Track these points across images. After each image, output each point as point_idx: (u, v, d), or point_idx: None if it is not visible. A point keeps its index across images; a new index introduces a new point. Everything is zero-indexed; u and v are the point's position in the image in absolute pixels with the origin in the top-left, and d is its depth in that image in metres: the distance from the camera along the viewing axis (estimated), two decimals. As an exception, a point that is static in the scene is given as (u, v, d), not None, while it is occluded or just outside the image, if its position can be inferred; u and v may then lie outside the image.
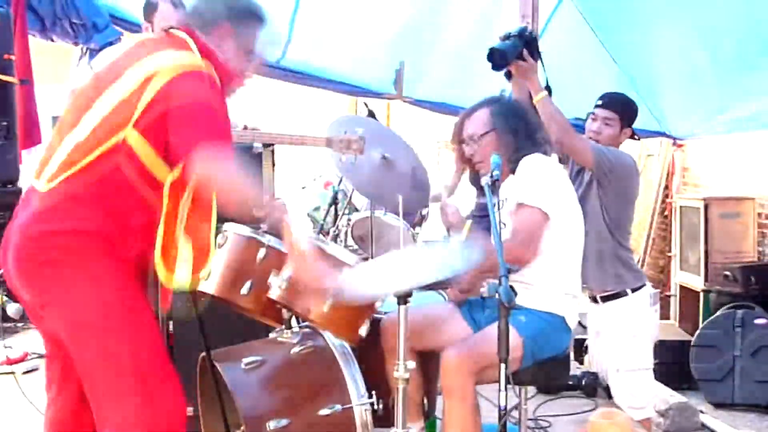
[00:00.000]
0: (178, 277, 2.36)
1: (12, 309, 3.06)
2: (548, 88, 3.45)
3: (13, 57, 5.57)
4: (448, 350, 2.81)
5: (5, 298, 3.12)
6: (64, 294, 2.30)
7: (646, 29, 5.32)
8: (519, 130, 3.08)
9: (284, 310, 2.89)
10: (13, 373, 3.94)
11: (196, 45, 2.43)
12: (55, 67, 6.76)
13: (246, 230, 2.89)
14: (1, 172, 5.57)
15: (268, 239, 2.85)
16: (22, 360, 4.76)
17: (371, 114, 4.61)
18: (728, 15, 4.67)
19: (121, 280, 2.34)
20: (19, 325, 5.38)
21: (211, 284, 2.82)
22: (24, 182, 6.07)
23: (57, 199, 2.32)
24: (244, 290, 2.82)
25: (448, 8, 5.73)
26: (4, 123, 5.55)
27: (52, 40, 6.11)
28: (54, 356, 2.54)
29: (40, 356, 4.86)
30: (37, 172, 2.41)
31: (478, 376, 2.78)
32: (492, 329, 2.61)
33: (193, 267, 2.38)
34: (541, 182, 2.99)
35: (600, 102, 3.76)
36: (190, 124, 2.29)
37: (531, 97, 3.42)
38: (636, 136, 3.84)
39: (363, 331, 2.76)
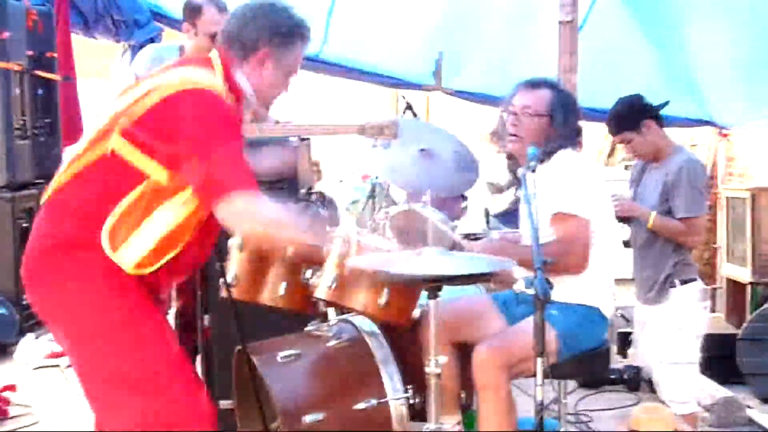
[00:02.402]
0: (121, 257, 2.25)
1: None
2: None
3: (55, 54, 5.69)
4: (479, 345, 2.80)
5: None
6: (64, 308, 2.30)
7: (689, 18, 5.23)
8: (568, 125, 3.05)
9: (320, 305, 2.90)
10: (58, 366, 3.99)
11: (222, 65, 2.38)
12: (97, 64, 6.85)
13: None
14: (46, 169, 5.68)
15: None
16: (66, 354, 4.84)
17: (409, 107, 4.60)
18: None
19: (118, 290, 2.28)
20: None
21: (242, 290, 2.83)
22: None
23: (54, 210, 2.34)
24: (281, 291, 2.82)
25: (487, -2, 5.70)
26: (47, 120, 5.67)
27: (95, 38, 6.20)
28: None
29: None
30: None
31: (510, 370, 2.76)
32: (524, 323, 2.59)
33: (144, 258, 2.26)
34: (580, 186, 2.97)
35: (608, 131, 3.79)
36: (201, 154, 2.21)
37: None
38: (660, 122, 3.72)
39: (416, 313, 2.80)
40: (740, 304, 5.49)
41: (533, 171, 2.70)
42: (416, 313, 2.80)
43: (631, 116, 3.64)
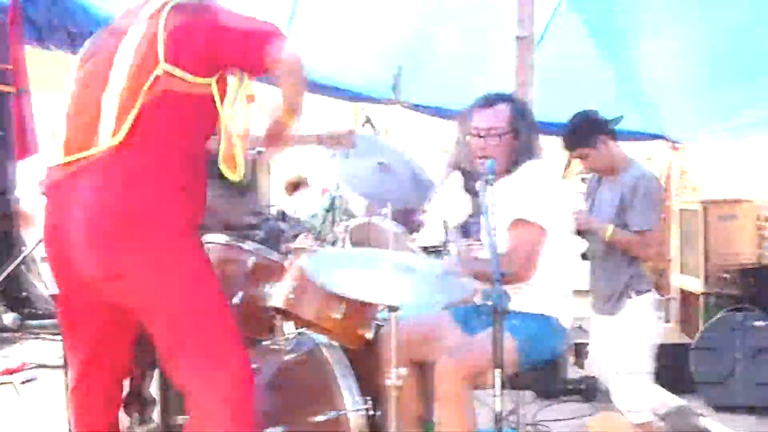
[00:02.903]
0: (239, 172, 2.43)
1: (9, 319, 3.05)
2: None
3: (9, 67, 5.60)
4: (442, 357, 2.79)
5: (2, 308, 3.10)
6: (148, 261, 2.29)
7: (642, 33, 5.33)
8: (531, 134, 3.06)
9: (277, 318, 2.89)
10: (11, 383, 3.92)
11: None
12: (52, 76, 6.75)
13: (224, 238, 2.90)
14: (-2, 181, 5.60)
15: (253, 247, 2.88)
16: (20, 370, 4.75)
17: (369, 120, 4.61)
18: (727, 24, 4.68)
19: (198, 243, 2.42)
20: (17, 335, 5.38)
21: None
22: (21, 192, 6.10)
23: (134, 154, 2.29)
24: (235, 300, 2.82)
25: (446, 13, 5.74)
26: (0, 133, 5.58)
27: (49, 49, 6.11)
28: (92, 333, 2.53)
29: (38, 366, 4.86)
30: (81, 141, 2.36)
31: (472, 381, 2.76)
32: (486, 335, 2.59)
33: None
34: (540, 194, 2.97)
35: (564, 146, 3.83)
36: (228, 33, 2.36)
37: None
38: (614, 137, 3.79)
39: (369, 334, 2.81)
40: (692, 315, 5.58)
41: (491, 184, 2.73)
42: (369, 334, 2.81)
43: (587, 132, 3.68)
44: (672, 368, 4.71)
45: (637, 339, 3.63)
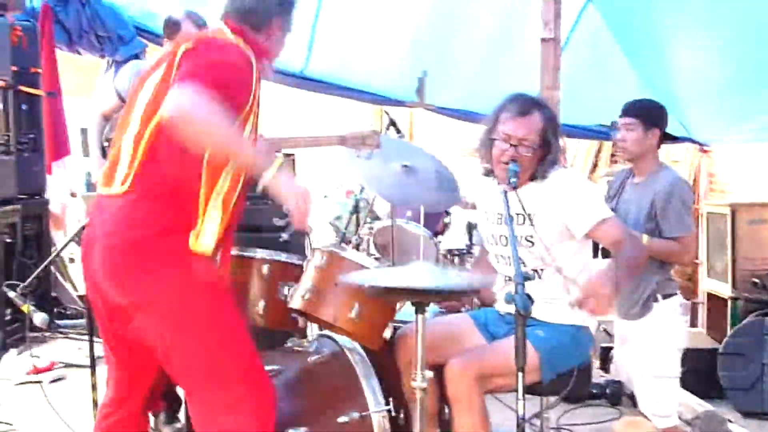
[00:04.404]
0: (202, 242, 2.38)
1: (38, 319, 3.09)
2: None
3: (40, 70, 5.69)
4: (452, 359, 2.80)
5: (32, 308, 3.15)
6: (163, 295, 2.35)
7: (670, 37, 5.29)
8: (558, 144, 3.03)
9: (300, 319, 2.92)
10: (40, 382, 3.98)
11: (228, 28, 2.54)
12: (82, 80, 6.85)
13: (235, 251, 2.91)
14: (29, 184, 5.68)
15: (264, 254, 2.93)
16: (48, 369, 4.81)
17: (393, 123, 4.62)
18: (755, 26, 4.64)
19: (212, 273, 2.42)
20: (46, 334, 5.44)
21: None
22: (51, 194, 6.19)
23: (137, 201, 2.37)
24: (260, 311, 2.89)
25: (470, 15, 5.74)
26: (31, 136, 5.66)
27: (79, 53, 6.20)
28: (124, 366, 2.60)
29: (67, 366, 4.92)
30: (106, 179, 2.48)
31: (483, 383, 2.76)
32: (504, 340, 2.60)
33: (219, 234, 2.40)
34: (596, 194, 3.03)
35: (621, 112, 3.74)
36: (191, 64, 2.34)
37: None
38: (668, 138, 3.77)
39: (387, 334, 2.84)
40: (721, 319, 5.52)
41: (514, 188, 2.73)
42: (387, 333, 2.84)
43: (656, 116, 3.67)
44: (700, 373, 4.67)
45: (664, 343, 3.60)
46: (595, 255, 3.55)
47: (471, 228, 4.74)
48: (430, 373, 2.54)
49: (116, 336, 2.54)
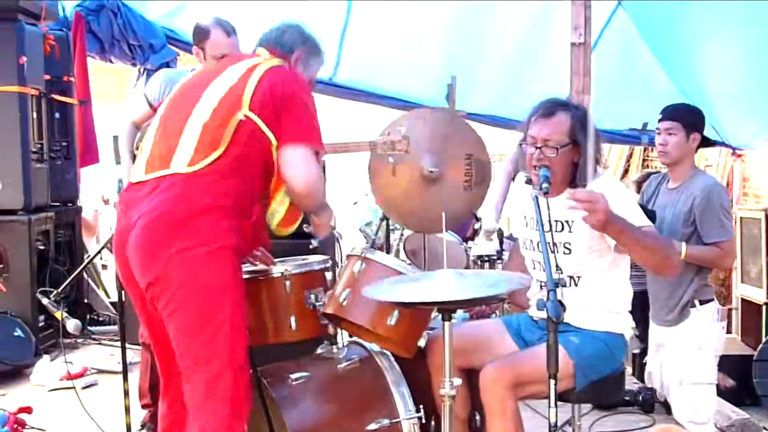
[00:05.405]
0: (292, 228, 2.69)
1: (71, 325, 3.13)
2: None
3: (72, 79, 5.76)
4: (487, 366, 2.77)
5: (65, 314, 3.19)
6: (182, 268, 2.45)
7: (701, 39, 5.23)
8: (595, 143, 2.94)
9: (330, 325, 2.92)
10: (73, 387, 4.01)
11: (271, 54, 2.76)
12: (114, 88, 6.93)
13: (249, 274, 2.92)
14: (62, 192, 5.75)
15: (280, 269, 2.95)
16: (81, 375, 4.85)
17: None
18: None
19: (238, 263, 2.57)
20: (79, 341, 5.50)
21: (262, 336, 2.90)
22: (84, 201, 6.26)
23: (207, 179, 2.51)
24: (292, 326, 2.89)
25: (498, 21, 5.72)
26: (64, 143, 5.74)
27: (111, 62, 6.27)
28: (162, 350, 2.69)
29: (100, 371, 4.96)
30: (161, 160, 2.58)
31: (517, 390, 2.74)
32: (538, 347, 2.57)
33: (282, 220, 2.67)
34: (634, 203, 2.98)
35: (660, 116, 3.70)
36: (297, 116, 2.60)
37: None
38: (708, 142, 3.73)
39: (422, 342, 2.83)
40: (755, 325, 5.46)
41: (545, 193, 2.70)
42: (422, 342, 2.84)
43: (697, 120, 3.64)
44: (734, 380, 4.61)
45: (702, 349, 3.55)
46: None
47: (502, 233, 4.72)
48: (458, 381, 2.53)
49: (152, 319, 2.63)
